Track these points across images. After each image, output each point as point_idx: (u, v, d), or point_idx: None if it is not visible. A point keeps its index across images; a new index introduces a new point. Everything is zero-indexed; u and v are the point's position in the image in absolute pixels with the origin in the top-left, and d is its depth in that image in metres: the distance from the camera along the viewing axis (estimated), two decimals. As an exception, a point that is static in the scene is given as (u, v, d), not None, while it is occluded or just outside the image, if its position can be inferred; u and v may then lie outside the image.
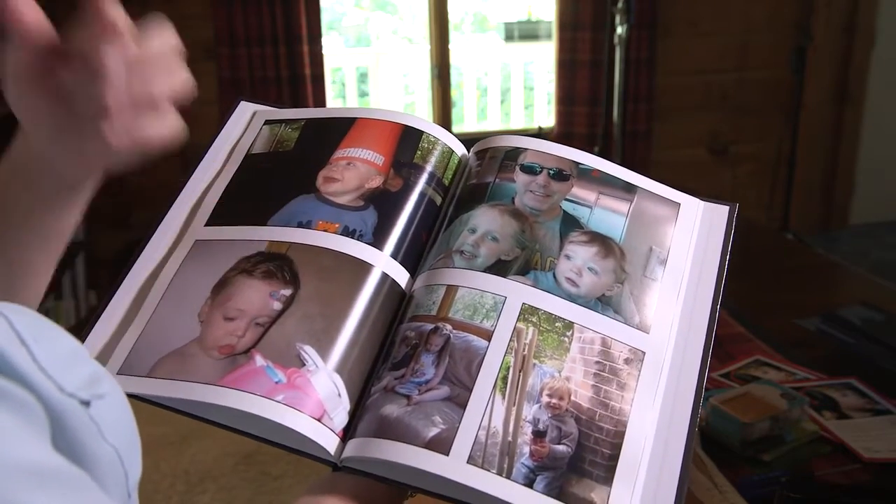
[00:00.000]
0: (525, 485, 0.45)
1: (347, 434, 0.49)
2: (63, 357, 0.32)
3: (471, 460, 0.46)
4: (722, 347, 1.32)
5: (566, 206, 0.58)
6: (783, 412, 1.04)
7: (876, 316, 1.42)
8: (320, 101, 3.19)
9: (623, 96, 3.20)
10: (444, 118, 3.52)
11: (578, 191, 0.59)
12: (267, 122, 0.65)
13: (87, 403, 0.32)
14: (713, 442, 1.03)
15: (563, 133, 3.42)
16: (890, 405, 1.12)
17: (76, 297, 3.03)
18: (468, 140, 0.66)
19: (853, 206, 3.92)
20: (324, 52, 3.20)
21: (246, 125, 0.66)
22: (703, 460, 0.96)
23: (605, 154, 2.95)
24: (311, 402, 0.48)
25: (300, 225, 0.57)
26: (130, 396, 0.36)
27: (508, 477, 0.46)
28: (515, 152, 0.61)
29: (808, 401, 1.10)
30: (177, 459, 2.24)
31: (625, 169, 0.61)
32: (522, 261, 0.55)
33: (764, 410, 1.04)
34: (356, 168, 0.60)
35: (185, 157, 0.63)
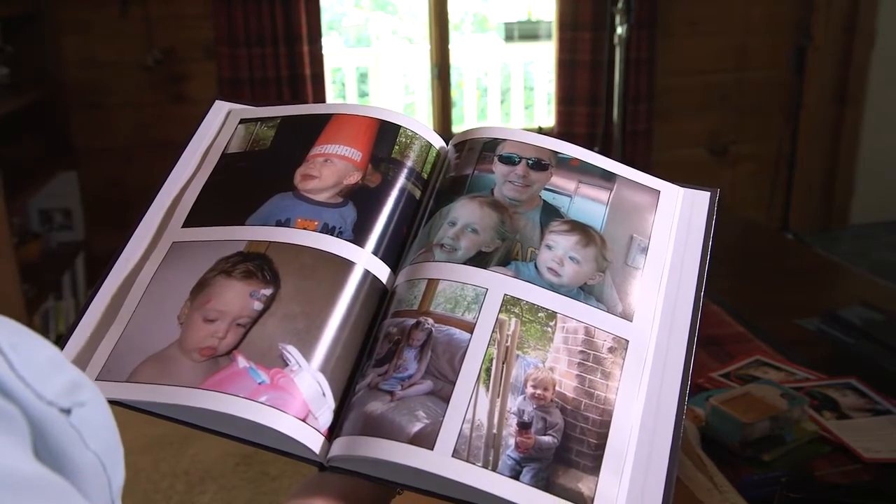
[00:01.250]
0: (511, 477, 0.45)
1: (333, 433, 0.48)
2: (42, 365, 0.31)
3: (456, 454, 0.45)
4: (722, 347, 1.31)
5: (546, 195, 0.58)
6: (783, 412, 1.03)
7: (876, 316, 1.41)
8: (320, 102, 3.18)
9: (623, 96, 3.19)
10: (444, 118, 3.52)
11: (558, 180, 0.58)
12: (242, 121, 0.65)
13: (67, 411, 0.31)
14: (713, 442, 1.02)
15: (564, 133, 3.41)
16: (890, 405, 1.11)
17: (76, 297, 3.03)
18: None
19: (853, 206, 3.91)
20: (324, 52, 3.19)
21: (221, 124, 0.65)
22: (703, 460, 0.95)
23: (605, 154, 2.93)
24: (296, 402, 0.47)
25: (279, 224, 0.56)
26: (111, 402, 0.35)
27: (494, 470, 0.45)
28: (494, 143, 0.61)
29: (808, 401, 1.09)
30: (177, 459, 2.23)
31: (604, 157, 0.60)
32: (503, 252, 0.54)
33: (764, 410, 1.03)
34: (334, 164, 0.59)
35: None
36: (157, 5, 3.05)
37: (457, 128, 3.72)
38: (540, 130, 3.47)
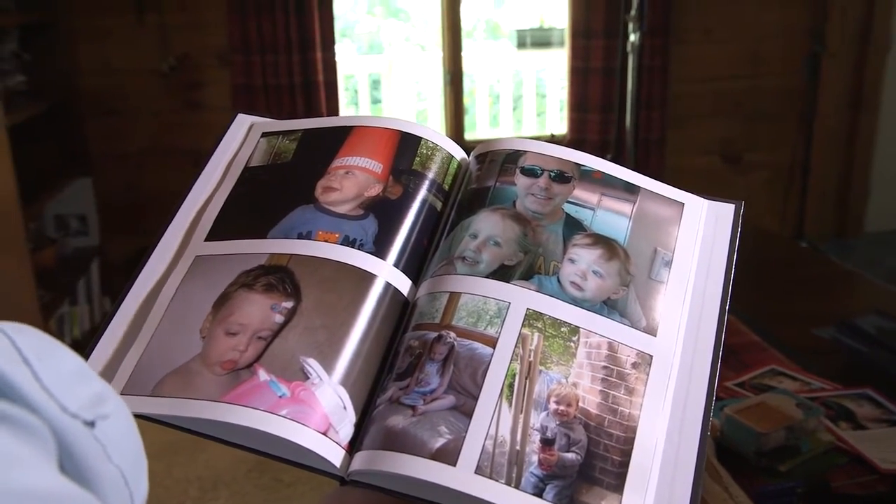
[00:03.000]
0: (534, 494, 0.44)
1: (354, 447, 0.48)
2: (67, 376, 0.31)
3: (479, 470, 0.45)
4: (737, 356, 1.30)
5: (568, 208, 0.57)
6: (799, 422, 1.02)
7: (891, 325, 1.40)
8: (333, 108, 3.19)
9: (636, 103, 3.18)
10: (456, 125, 3.52)
11: (580, 193, 0.58)
12: (264, 135, 0.65)
13: (91, 424, 0.31)
14: (728, 452, 1.01)
15: (576, 140, 3.41)
16: (907, 415, 1.10)
17: (90, 303, 3.04)
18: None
19: (868, 214, 3.88)
20: (337, 59, 3.20)
21: (243, 138, 0.65)
22: (718, 470, 0.95)
23: (617, 161, 2.93)
24: (316, 415, 0.47)
25: (300, 236, 0.56)
26: (135, 416, 0.35)
27: (517, 487, 0.45)
28: (516, 155, 0.60)
29: (824, 411, 1.08)
30: (190, 465, 2.24)
31: (627, 169, 0.60)
32: (525, 265, 0.54)
33: (779, 420, 1.02)
34: (355, 177, 0.59)
35: (198, 162, 0.63)
36: (173, 13, 3.07)
37: (469, 135, 3.72)
38: (552, 137, 3.46)
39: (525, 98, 4.36)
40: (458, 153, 0.63)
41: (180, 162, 3.07)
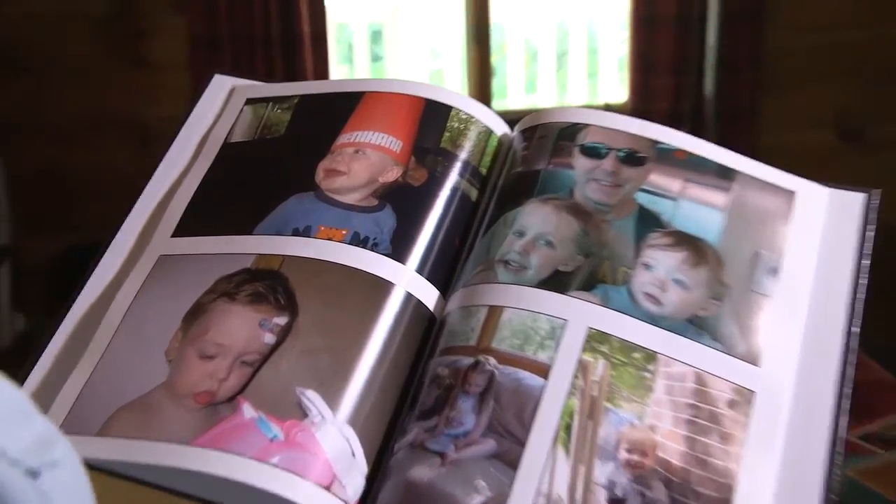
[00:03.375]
0: None
1: None
2: (6, 414, 0.32)
3: None
4: (860, 398, 1.30)
5: (642, 198, 0.58)
6: (946, 489, 1.02)
7: None
8: (321, 68, 3.20)
9: (719, 62, 3.18)
10: (481, 90, 3.53)
11: (658, 178, 0.59)
12: (249, 102, 0.66)
13: (35, 473, 0.32)
14: (851, 525, 1.01)
15: (639, 110, 3.41)
16: None
17: (-3, 321, 3.06)
18: (513, 119, 0.66)
19: None
20: (327, 3, 3.21)
21: (222, 106, 0.67)
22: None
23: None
24: (317, 464, 0.48)
25: (296, 232, 0.57)
26: None
27: None
28: (573, 129, 0.61)
29: (978, 473, 1.08)
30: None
31: (719, 148, 0.61)
32: (587, 272, 0.55)
33: (920, 487, 1.02)
34: (366, 157, 0.61)
35: (144, 136, 0.64)
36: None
37: (498, 103, 3.73)
38: (608, 107, 3.46)
39: (572, 56, 4.36)
40: (500, 127, 0.64)
41: (120, 137, 3.08)
